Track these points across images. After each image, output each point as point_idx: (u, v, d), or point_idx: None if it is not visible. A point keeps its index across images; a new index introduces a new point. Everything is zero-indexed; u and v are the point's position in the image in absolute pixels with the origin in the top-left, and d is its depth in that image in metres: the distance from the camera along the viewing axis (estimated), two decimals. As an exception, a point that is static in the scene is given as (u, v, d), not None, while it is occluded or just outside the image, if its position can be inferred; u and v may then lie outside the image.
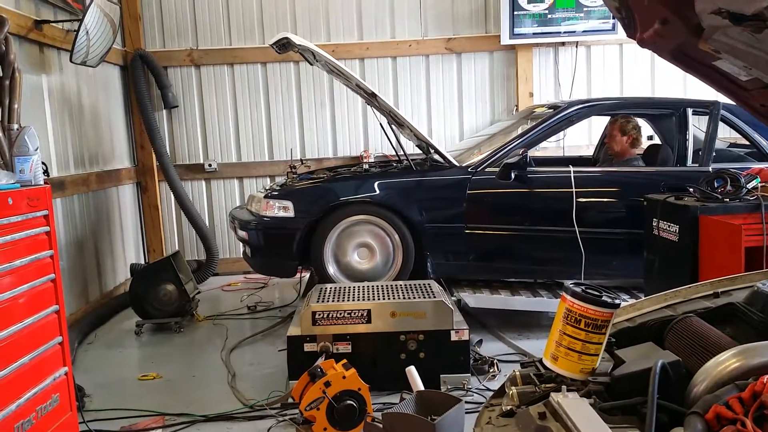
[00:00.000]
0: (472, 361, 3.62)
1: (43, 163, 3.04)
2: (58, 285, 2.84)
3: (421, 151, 5.44)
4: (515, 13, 6.32)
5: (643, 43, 1.48)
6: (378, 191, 4.47)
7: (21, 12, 4.31)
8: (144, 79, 6.28)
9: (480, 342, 4.14)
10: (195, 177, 6.68)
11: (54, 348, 2.81)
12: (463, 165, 4.57)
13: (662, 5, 1.29)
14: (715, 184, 3.73)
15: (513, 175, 4.34)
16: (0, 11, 3.79)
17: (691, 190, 3.83)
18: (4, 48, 3.56)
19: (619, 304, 1.43)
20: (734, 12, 1.13)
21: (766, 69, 1.32)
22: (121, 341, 4.71)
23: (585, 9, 6.32)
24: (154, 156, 6.42)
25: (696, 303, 1.76)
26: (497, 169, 4.40)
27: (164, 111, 6.57)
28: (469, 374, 3.53)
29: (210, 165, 6.64)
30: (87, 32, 4.65)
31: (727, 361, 1.28)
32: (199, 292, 5.32)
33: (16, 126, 3.47)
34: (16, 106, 3.55)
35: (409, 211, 4.45)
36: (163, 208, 6.71)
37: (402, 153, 4.99)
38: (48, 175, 3.14)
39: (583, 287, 1.42)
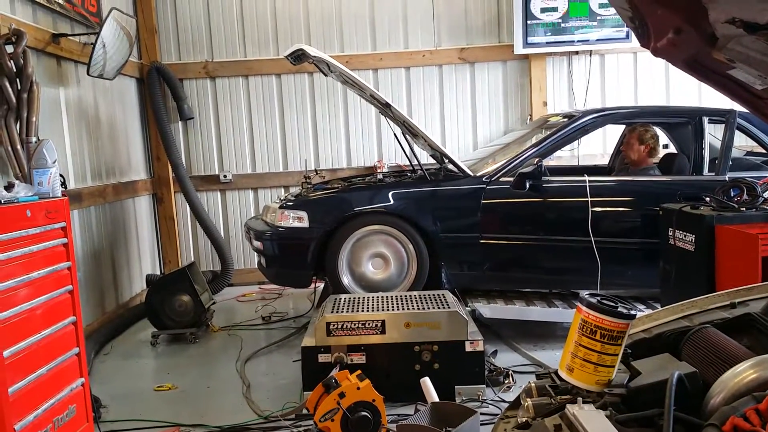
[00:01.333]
0: (487, 372, 3.60)
1: (60, 175, 3.07)
2: (75, 296, 2.87)
3: (435, 161, 5.44)
4: (528, 22, 6.32)
5: (656, 53, 1.47)
6: (392, 201, 4.48)
7: (39, 26, 4.37)
8: (160, 92, 6.35)
9: (495, 353, 4.12)
10: (210, 188, 6.72)
11: (71, 359, 2.84)
12: (478, 175, 4.56)
13: (676, 15, 1.29)
14: (732, 193, 3.71)
15: (528, 185, 4.32)
16: (18, 25, 3.84)
17: (707, 199, 3.80)
18: (22, 61, 3.63)
19: (635, 314, 1.42)
20: (748, 21, 1.13)
21: (781, 77, 1.31)
22: (137, 352, 4.74)
23: (598, 18, 6.31)
24: (170, 167, 6.47)
25: (713, 313, 1.74)
26: (512, 179, 4.39)
27: (180, 123, 6.63)
28: (484, 385, 3.50)
29: (225, 176, 6.68)
30: (104, 45, 4.71)
31: (744, 373, 1.27)
32: (214, 303, 5.34)
33: (34, 139, 3.54)
34: (34, 119, 3.62)
35: (423, 221, 4.44)
36: (178, 219, 6.75)
37: (416, 163, 4.99)
38: (65, 187, 3.18)
39: (598, 298, 1.42)
